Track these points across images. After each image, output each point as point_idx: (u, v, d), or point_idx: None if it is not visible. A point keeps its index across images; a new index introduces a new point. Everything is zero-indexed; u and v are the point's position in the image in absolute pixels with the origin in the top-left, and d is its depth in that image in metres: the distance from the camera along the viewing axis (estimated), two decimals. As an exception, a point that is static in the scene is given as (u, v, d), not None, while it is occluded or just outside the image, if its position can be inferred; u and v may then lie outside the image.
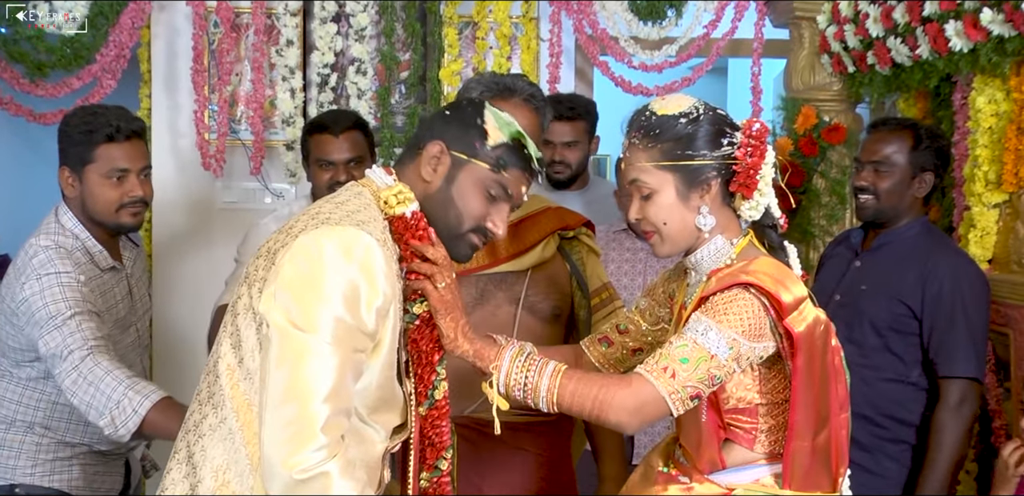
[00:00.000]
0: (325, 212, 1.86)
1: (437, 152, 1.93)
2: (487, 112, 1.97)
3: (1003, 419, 3.23)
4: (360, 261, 1.78)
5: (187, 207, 4.57)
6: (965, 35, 3.15)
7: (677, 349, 1.88)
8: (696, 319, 1.90)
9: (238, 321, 1.85)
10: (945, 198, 3.86)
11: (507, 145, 1.95)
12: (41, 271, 2.60)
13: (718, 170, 1.98)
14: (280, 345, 1.75)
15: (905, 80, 3.72)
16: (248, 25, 4.46)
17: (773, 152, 1.99)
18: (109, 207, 2.73)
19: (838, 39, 4.06)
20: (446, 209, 1.94)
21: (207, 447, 1.84)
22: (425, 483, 2.03)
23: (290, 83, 4.44)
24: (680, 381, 1.86)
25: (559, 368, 1.92)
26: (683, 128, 1.96)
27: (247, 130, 4.46)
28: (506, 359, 1.94)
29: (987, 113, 3.29)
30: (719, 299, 1.90)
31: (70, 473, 2.74)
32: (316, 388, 1.73)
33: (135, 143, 2.75)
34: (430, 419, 1.99)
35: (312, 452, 1.71)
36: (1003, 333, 3.19)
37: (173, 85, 4.55)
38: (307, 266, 1.77)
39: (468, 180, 1.94)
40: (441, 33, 4.48)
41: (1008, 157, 3.19)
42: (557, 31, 4.53)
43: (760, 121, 2.01)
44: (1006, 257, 3.29)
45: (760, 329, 1.90)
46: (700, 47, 4.61)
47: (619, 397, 1.87)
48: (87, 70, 4.20)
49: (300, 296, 1.76)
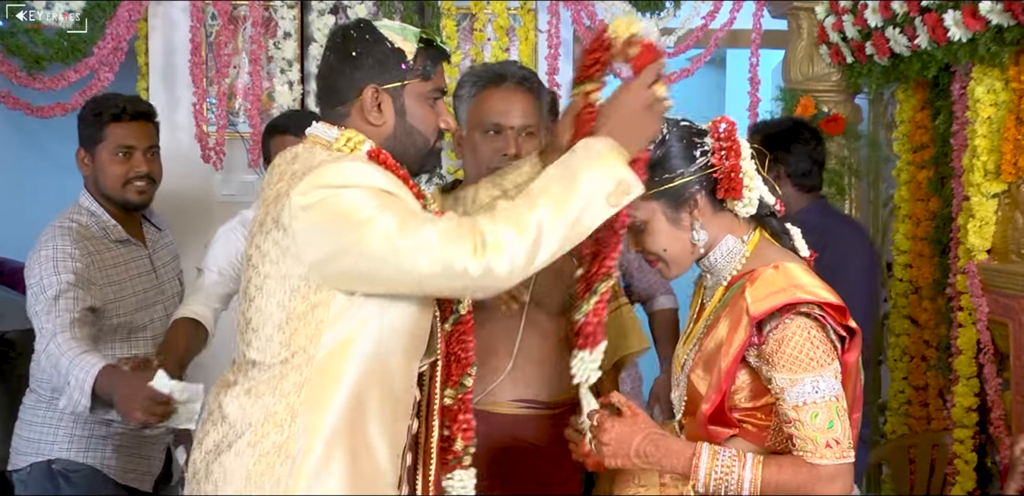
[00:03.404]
0: (299, 170, 1.88)
1: (373, 95, 1.94)
2: (383, 31, 1.95)
3: (1002, 409, 3.24)
4: (371, 182, 1.82)
5: (186, 199, 4.56)
6: (964, 25, 3.15)
7: (814, 421, 1.83)
8: (793, 381, 1.84)
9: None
10: (944, 188, 3.86)
11: (422, 50, 1.96)
12: (40, 246, 2.80)
13: (700, 183, 1.96)
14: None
15: (904, 70, 3.72)
16: (245, 17, 4.45)
17: (747, 144, 1.98)
18: (116, 182, 2.92)
19: (836, 29, 4.05)
20: (412, 138, 1.97)
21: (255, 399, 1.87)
22: (450, 400, 2.05)
23: (288, 75, 4.44)
24: (842, 441, 1.84)
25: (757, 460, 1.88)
26: (653, 155, 1.94)
27: (245, 123, 4.46)
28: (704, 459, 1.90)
29: (986, 103, 3.29)
30: (788, 349, 1.84)
31: (104, 451, 2.89)
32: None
33: (141, 123, 2.96)
34: (456, 334, 2.03)
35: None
36: (1002, 323, 3.19)
37: (171, 78, 4.55)
38: (331, 190, 1.80)
39: (413, 102, 1.96)
40: (439, 25, 4.47)
41: (1007, 147, 3.19)
42: (555, 23, 4.52)
43: (725, 118, 1.99)
44: (1005, 247, 3.29)
45: (832, 344, 1.88)
46: (698, 38, 4.59)
47: (817, 493, 1.84)
48: (84, 63, 4.19)
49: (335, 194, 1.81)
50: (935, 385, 4.01)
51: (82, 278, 2.75)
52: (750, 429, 1.94)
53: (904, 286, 4.17)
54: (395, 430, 1.94)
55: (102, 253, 2.88)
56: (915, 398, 4.12)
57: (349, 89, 1.95)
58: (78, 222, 2.88)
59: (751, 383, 1.92)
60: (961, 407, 3.45)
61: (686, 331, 2.11)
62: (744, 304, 1.88)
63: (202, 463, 1.89)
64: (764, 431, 1.94)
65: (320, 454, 1.83)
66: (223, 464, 1.86)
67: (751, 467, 1.86)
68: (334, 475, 1.84)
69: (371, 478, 1.89)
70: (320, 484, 1.84)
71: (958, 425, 3.46)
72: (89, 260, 2.81)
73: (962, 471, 3.47)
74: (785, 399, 1.85)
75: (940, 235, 3.92)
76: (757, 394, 1.93)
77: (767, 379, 1.88)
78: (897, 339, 4.20)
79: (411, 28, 1.98)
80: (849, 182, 4.41)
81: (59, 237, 2.81)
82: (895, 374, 4.22)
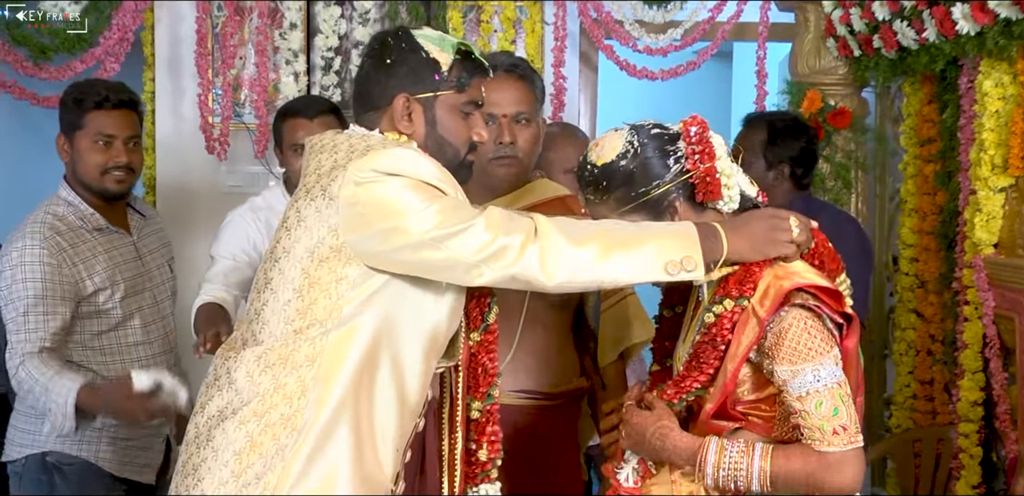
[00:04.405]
0: (358, 145, 1.89)
1: (404, 104, 1.93)
2: (420, 40, 1.95)
3: (1007, 404, 3.24)
4: (434, 164, 1.84)
5: (191, 190, 4.56)
6: (972, 18, 3.14)
7: (819, 409, 1.84)
8: (794, 372, 1.84)
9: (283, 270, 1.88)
10: (951, 182, 3.85)
11: (458, 61, 1.95)
12: (10, 245, 2.76)
13: (677, 190, 1.95)
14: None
15: (911, 64, 3.71)
16: (252, 8, 4.44)
17: (720, 140, 1.97)
18: (94, 171, 2.86)
19: (844, 23, 4.04)
20: (442, 149, 1.96)
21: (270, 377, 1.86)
22: (477, 413, 2.04)
23: (294, 66, 4.43)
24: (849, 427, 1.84)
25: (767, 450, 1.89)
26: (627, 168, 1.94)
27: (251, 114, 4.45)
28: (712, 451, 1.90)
29: (994, 97, 3.28)
30: (787, 341, 1.85)
31: (98, 444, 2.87)
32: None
33: (124, 112, 2.89)
34: (484, 343, 2.01)
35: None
36: (1008, 317, 3.19)
37: (177, 68, 4.54)
38: (383, 176, 1.81)
39: (445, 113, 1.95)
40: (445, 16, 4.45)
41: (1014, 141, 3.18)
42: (562, 15, 4.51)
43: (696, 118, 1.98)
44: (1012, 241, 3.28)
45: (829, 332, 1.88)
46: (705, 31, 4.58)
47: (828, 481, 1.84)
48: (90, 53, 4.19)
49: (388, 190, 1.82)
50: (940, 379, 4.01)
51: (50, 284, 2.73)
52: (756, 421, 1.94)
53: (910, 280, 4.16)
54: (400, 423, 1.92)
55: (80, 245, 2.83)
56: (920, 392, 4.12)
57: (381, 96, 1.95)
58: (54, 213, 2.83)
59: (752, 375, 1.92)
60: (966, 401, 3.45)
61: (683, 328, 2.11)
62: (749, 306, 1.88)
63: (204, 427, 1.88)
64: (770, 422, 1.93)
65: (324, 426, 1.82)
66: (225, 430, 1.84)
67: (759, 458, 1.86)
68: (336, 448, 1.83)
69: (372, 462, 1.87)
70: (322, 456, 1.83)
71: (963, 419, 3.46)
72: (62, 256, 2.77)
73: (967, 465, 3.46)
74: (788, 391, 1.86)
75: (946, 229, 3.91)
76: (759, 386, 1.93)
77: (769, 372, 1.88)
78: (903, 333, 4.20)
79: (451, 39, 1.97)
80: (855, 176, 4.40)
81: (28, 236, 2.76)
82: (900, 368, 4.21)
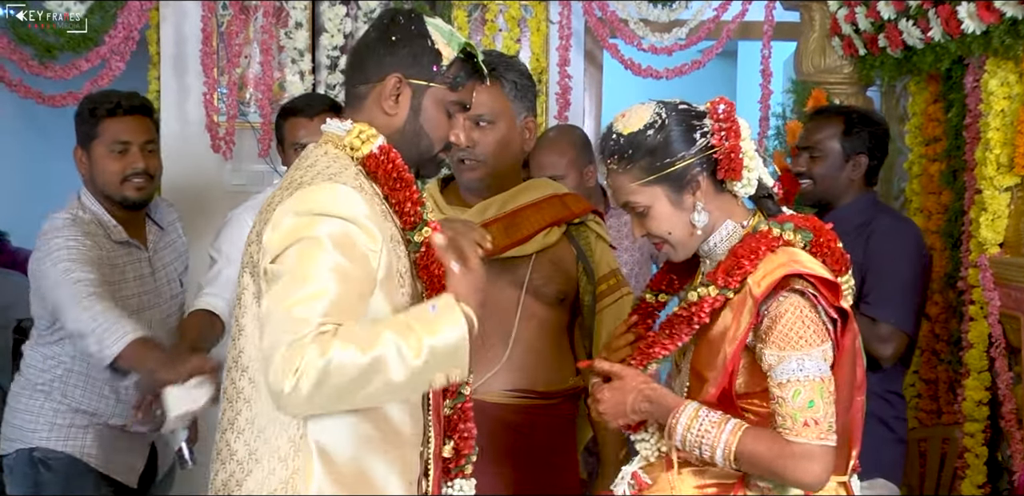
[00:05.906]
0: (296, 179, 1.85)
1: (395, 84, 1.92)
2: (430, 28, 1.93)
3: (1013, 403, 3.23)
4: (342, 211, 1.78)
5: (196, 189, 4.57)
6: (978, 17, 3.13)
7: (795, 399, 1.85)
8: (780, 358, 1.86)
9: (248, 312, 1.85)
10: (956, 181, 3.84)
11: (460, 60, 1.94)
12: (48, 236, 2.76)
13: (701, 165, 1.97)
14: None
15: (917, 63, 3.70)
16: (257, 7, 4.45)
17: (746, 124, 1.99)
18: (114, 179, 2.86)
19: (849, 21, 4.04)
20: (418, 138, 1.95)
21: (249, 442, 1.84)
22: (448, 410, 2.04)
23: (299, 65, 4.44)
24: (822, 423, 1.85)
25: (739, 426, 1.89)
26: (653, 139, 1.95)
27: (256, 113, 4.47)
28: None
29: (999, 96, 3.27)
30: (780, 326, 1.87)
31: (84, 440, 2.87)
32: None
33: (137, 118, 2.89)
34: None
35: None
36: (1014, 316, 3.18)
37: (182, 67, 4.55)
38: (294, 230, 1.77)
39: (432, 106, 1.94)
40: (450, 15, 4.46)
41: (1020, 140, 3.17)
42: (567, 13, 4.51)
43: (723, 99, 1.99)
44: (1017, 240, 3.28)
45: (824, 326, 1.89)
46: (710, 30, 4.58)
47: (789, 470, 1.85)
48: (96, 52, 4.20)
49: (296, 254, 1.76)
50: (945, 379, 4.00)
51: (84, 248, 2.75)
52: (752, 418, 1.95)
53: (915, 279, 4.15)
54: (404, 458, 1.91)
55: (103, 251, 2.84)
56: (925, 392, 4.11)
57: (376, 70, 1.93)
58: (81, 218, 2.84)
59: (749, 367, 1.94)
60: (972, 401, 3.44)
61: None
62: (747, 288, 1.90)
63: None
64: (765, 419, 1.94)
65: (325, 480, 1.81)
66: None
67: (729, 432, 1.87)
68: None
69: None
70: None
71: (969, 419, 3.46)
72: (94, 253, 2.78)
73: (972, 465, 3.46)
74: (772, 376, 1.88)
75: (952, 228, 3.90)
76: (754, 379, 1.94)
77: (759, 357, 1.90)
78: (908, 332, 4.18)
79: (460, 36, 1.96)
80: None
81: (62, 228, 2.78)
82: (906, 368, 4.20)
